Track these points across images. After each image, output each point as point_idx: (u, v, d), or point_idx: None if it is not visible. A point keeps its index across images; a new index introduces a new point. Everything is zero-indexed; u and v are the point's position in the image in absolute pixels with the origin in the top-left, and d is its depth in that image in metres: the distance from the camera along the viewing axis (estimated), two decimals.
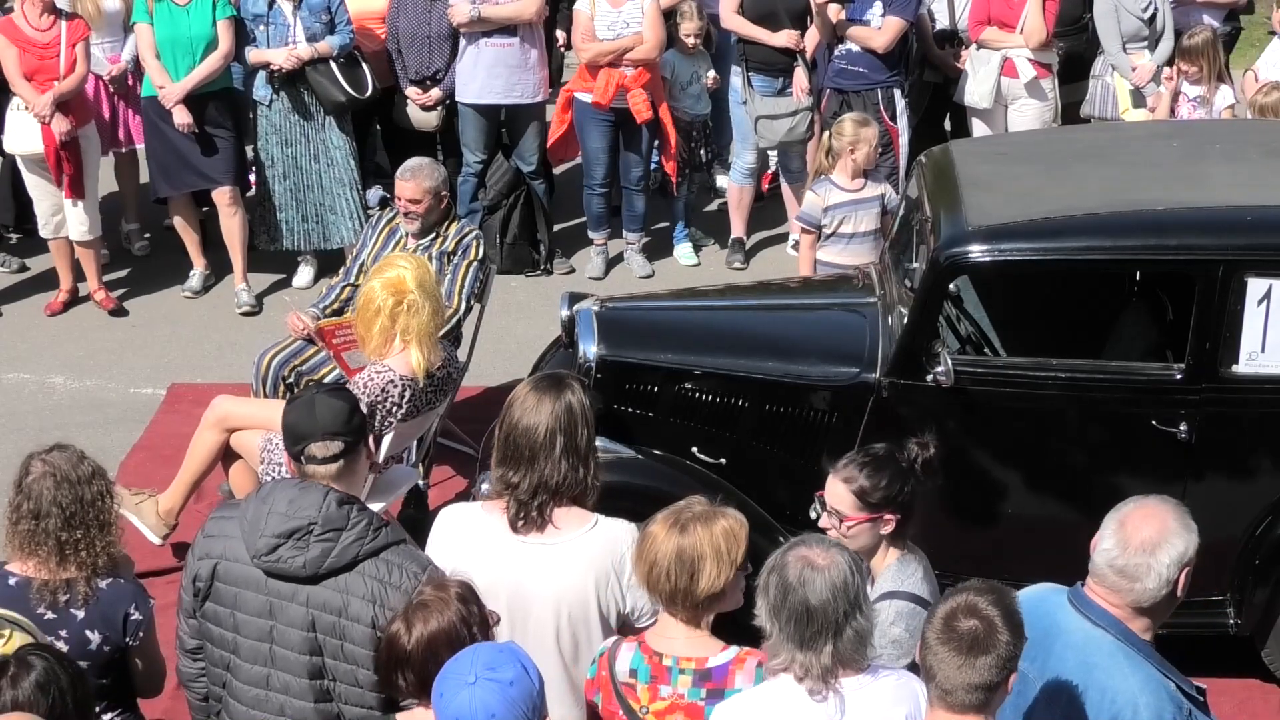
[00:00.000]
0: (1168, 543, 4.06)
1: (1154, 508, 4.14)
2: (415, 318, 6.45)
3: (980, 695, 3.75)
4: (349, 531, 4.40)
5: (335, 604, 4.38)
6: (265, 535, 4.42)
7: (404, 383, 6.47)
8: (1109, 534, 4.10)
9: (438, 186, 7.79)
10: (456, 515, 4.81)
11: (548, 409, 4.67)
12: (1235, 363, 6.13)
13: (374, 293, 6.45)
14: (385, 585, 4.37)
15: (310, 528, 4.39)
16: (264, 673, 4.48)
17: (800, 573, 3.93)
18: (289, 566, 4.39)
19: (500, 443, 4.73)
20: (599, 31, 9.96)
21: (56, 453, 4.79)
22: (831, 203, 8.34)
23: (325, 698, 4.45)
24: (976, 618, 3.75)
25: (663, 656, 4.28)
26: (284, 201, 10.01)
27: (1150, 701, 3.98)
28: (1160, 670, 4.07)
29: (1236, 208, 6.31)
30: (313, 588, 4.40)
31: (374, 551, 4.41)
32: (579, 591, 4.63)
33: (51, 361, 9.50)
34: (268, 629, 4.45)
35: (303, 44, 9.80)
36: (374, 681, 4.35)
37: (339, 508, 4.43)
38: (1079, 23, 10.41)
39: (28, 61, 9.50)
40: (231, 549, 4.49)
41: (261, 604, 4.45)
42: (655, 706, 4.26)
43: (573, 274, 10.45)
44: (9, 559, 4.79)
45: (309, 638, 4.41)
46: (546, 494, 4.64)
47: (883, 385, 6.39)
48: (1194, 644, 4.54)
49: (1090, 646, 4.08)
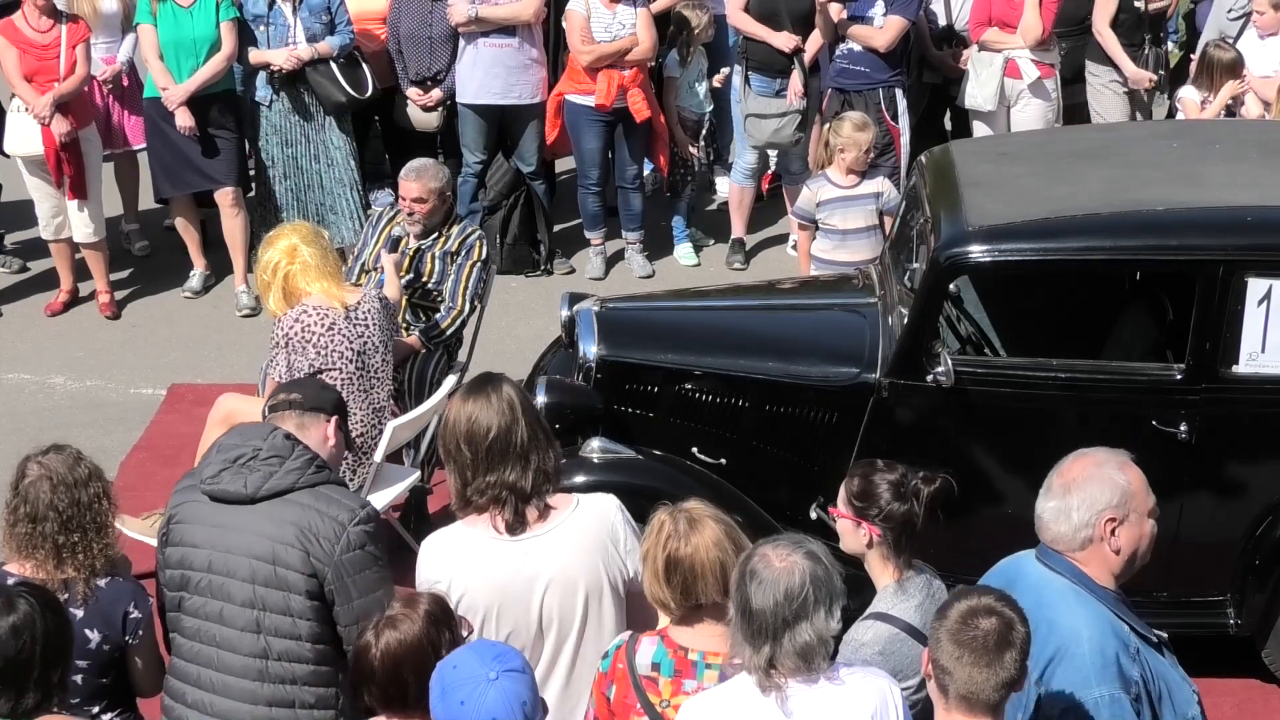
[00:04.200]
0: (1081, 488, 4.13)
1: (1088, 456, 4.22)
2: (311, 269, 6.75)
3: (1004, 692, 3.79)
4: (292, 460, 4.63)
5: (270, 530, 4.56)
6: (212, 463, 4.65)
7: (318, 311, 6.69)
8: (1048, 478, 4.22)
9: (442, 187, 7.80)
10: (441, 540, 4.70)
11: (512, 405, 4.63)
12: (1235, 363, 6.13)
13: (268, 264, 6.77)
14: (322, 515, 4.55)
15: (255, 453, 4.62)
16: (202, 602, 4.65)
17: (754, 570, 3.94)
18: (231, 487, 4.59)
19: (482, 455, 4.61)
20: (597, 34, 9.97)
21: (53, 455, 4.78)
22: (823, 198, 8.40)
23: (255, 629, 4.58)
24: (995, 616, 3.79)
25: (688, 651, 4.26)
26: (284, 202, 10.00)
27: (1093, 636, 4.04)
28: (1115, 612, 4.13)
29: (1236, 208, 6.31)
30: (252, 512, 4.57)
31: (312, 484, 4.61)
32: (589, 571, 4.59)
33: (52, 362, 9.50)
34: (207, 561, 4.62)
35: (303, 44, 9.81)
36: (306, 609, 4.53)
37: (285, 439, 4.67)
38: (1082, 23, 10.40)
39: (28, 63, 9.51)
40: (187, 492, 4.73)
41: (205, 535, 4.64)
42: (677, 700, 4.22)
43: (573, 274, 10.45)
44: (7, 559, 4.79)
45: (247, 563, 4.56)
46: (547, 482, 4.64)
47: (883, 385, 6.39)
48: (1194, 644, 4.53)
49: (1043, 586, 4.16)
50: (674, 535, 4.28)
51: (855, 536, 4.78)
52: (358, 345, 6.74)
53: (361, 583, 4.57)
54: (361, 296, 6.88)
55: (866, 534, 4.75)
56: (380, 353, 6.86)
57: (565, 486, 5.64)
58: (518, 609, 4.56)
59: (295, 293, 6.73)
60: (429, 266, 7.74)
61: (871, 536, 4.75)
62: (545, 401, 6.48)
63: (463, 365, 7.85)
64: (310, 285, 6.73)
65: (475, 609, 4.53)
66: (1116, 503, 4.12)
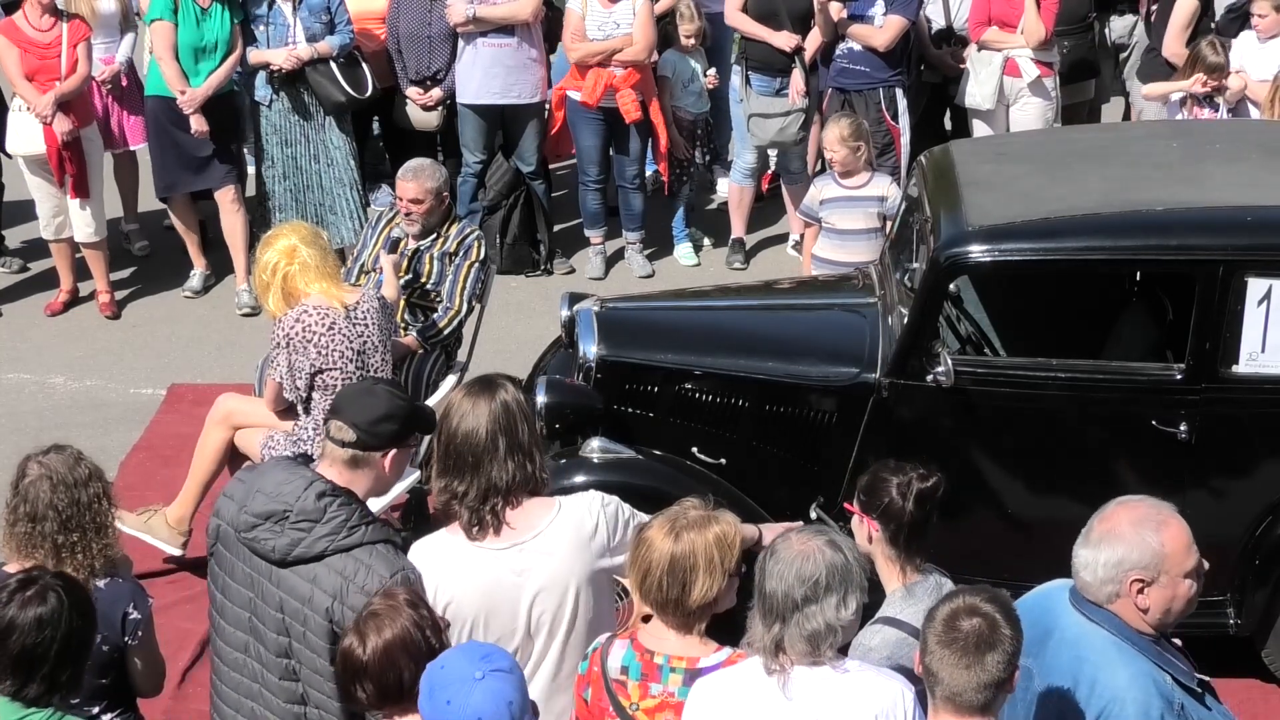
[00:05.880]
0: (1111, 545, 4.08)
1: (1129, 508, 4.16)
2: (310, 269, 6.71)
3: (989, 694, 3.77)
4: (323, 525, 4.43)
5: (302, 591, 4.44)
6: (248, 513, 4.50)
7: (318, 311, 6.67)
8: (1090, 520, 4.17)
9: (439, 187, 7.79)
10: (425, 547, 4.68)
11: (484, 412, 4.59)
12: (1235, 363, 6.13)
13: (267, 265, 6.72)
14: (349, 583, 4.39)
15: (286, 514, 4.45)
16: (244, 639, 4.57)
17: (775, 550, 4.03)
18: (262, 547, 4.47)
19: (441, 454, 4.63)
20: (589, 31, 9.99)
21: (53, 454, 4.79)
22: (826, 196, 8.44)
23: (293, 677, 4.51)
24: (978, 616, 3.77)
25: (654, 654, 4.27)
26: (284, 202, 9.99)
27: (1138, 696, 3.99)
28: (1156, 662, 4.08)
29: (1237, 208, 6.31)
30: (284, 571, 4.46)
31: (345, 548, 4.43)
32: (575, 574, 4.59)
33: (52, 361, 9.50)
34: (249, 600, 4.54)
35: (302, 44, 9.80)
36: (332, 673, 4.36)
37: (317, 500, 4.45)
38: (1084, 22, 10.39)
39: (29, 62, 9.50)
40: (232, 515, 4.57)
41: (245, 575, 4.54)
42: (645, 704, 4.25)
43: (573, 274, 10.45)
44: (7, 559, 4.78)
45: (279, 618, 4.48)
46: (497, 496, 4.58)
47: (883, 385, 6.39)
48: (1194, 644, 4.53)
49: (1083, 641, 4.10)
50: (659, 526, 4.28)
51: (860, 531, 4.81)
52: (358, 345, 6.75)
53: None
54: (360, 296, 6.89)
55: (867, 529, 4.78)
56: (380, 352, 6.86)
57: (565, 487, 5.66)
58: (505, 615, 4.56)
59: (294, 293, 6.73)
60: (428, 267, 7.74)
61: (871, 532, 4.77)
62: (545, 401, 6.48)
63: (462, 365, 7.85)
64: (310, 286, 6.73)
65: (462, 616, 4.52)
66: (1145, 564, 4.05)
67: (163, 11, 9.61)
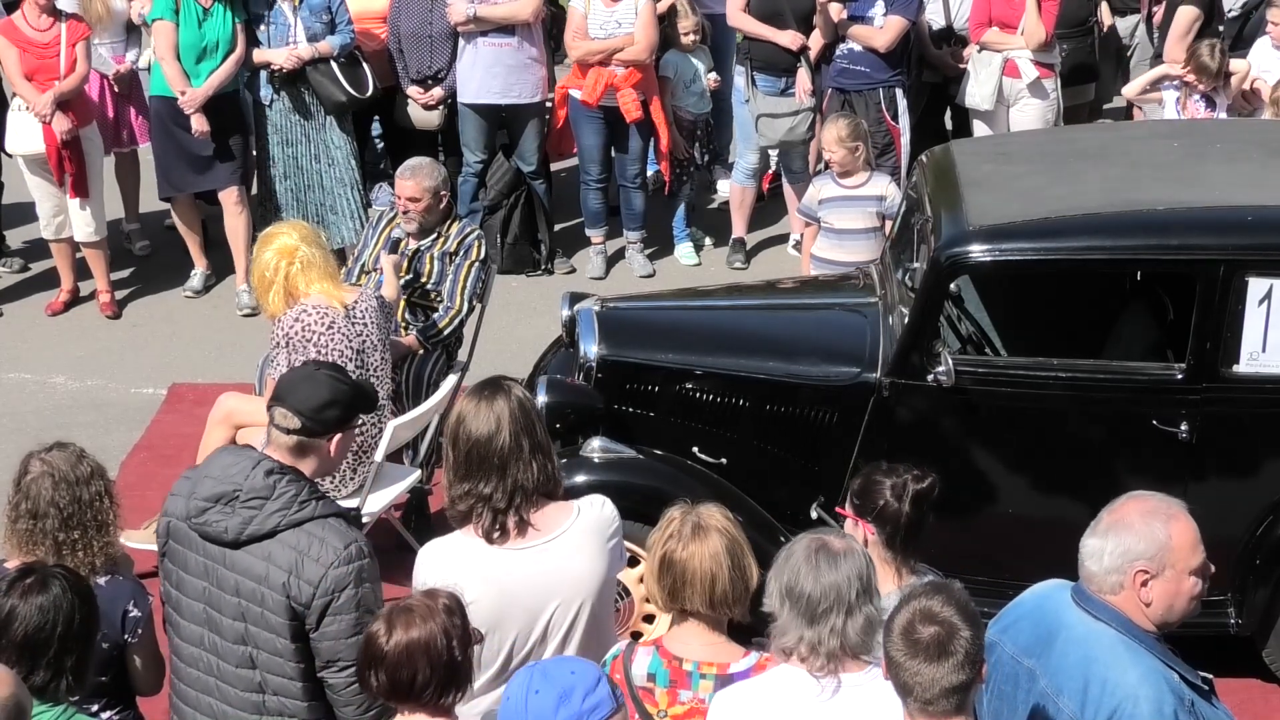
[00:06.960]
0: (1119, 534, 4.08)
1: (1139, 501, 4.16)
2: (311, 269, 6.72)
3: (959, 697, 3.75)
4: (273, 501, 4.46)
5: (257, 570, 4.45)
6: (197, 498, 4.52)
7: (317, 311, 6.68)
8: (1101, 512, 4.18)
9: (437, 186, 7.79)
10: (442, 547, 4.66)
11: (503, 413, 4.58)
12: (1236, 363, 6.13)
13: (269, 264, 6.72)
14: (304, 556, 4.42)
15: (236, 494, 4.47)
16: (200, 632, 4.59)
17: (816, 553, 4.01)
18: (214, 530, 4.49)
19: (461, 460, 4.59)
20: (591, 30, 10.00)
21: (56, 452, 4.80)
22: (825, 196, 8.45)
23: (251, 665, 4.52)
24: (935, 623, 3.73)
25: (683, 661, 4.25)
26: (285, 202, 9.99)
27: (1150, 694, 3.98)
28: (1163, 660, 4.07)
29: (1237, 208, 6.32)
30: (237, 553, 4.48)
31: (297, 522, 4.46)
32: (596, 576, 4.59)
33: (52, 361, 9.50)
34: (203, 590, 4.55)
35: (303, 44, 9.80)
36: (292, 651, 4.44)
37: (266, 477, 4.48)
38: (1084, 24, 10.39)
39: (28, 62, 9.51)
40: (181, 508, 4.60)
41: (199, 565, 4.56)
42: (674, 711, 4.23)
43: (573, 274, 10.45)
44: (8, 556, 4.79)
45: (235, 603, 4.49)
46: (523, 497, 4.57)
47: (883, 385, 6.39)
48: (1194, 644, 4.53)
49: (1091, 640, 4.09)
50: (675, 536, 4.27)
51: (856, 533, 4.80)
52: (357, 344, 6.75)
53: (331, 627, 4.46)
54: (359, 295, 6.89)
55: (862, 532, 4.77)
56: (379, 351, 6.87)
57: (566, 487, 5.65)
58: (524, 618, 4.54)
59: (295, 293, 6.74)
60: (428, 267, 7.73)
61: (866, 535, 4.76)
62: (546, 401, 6.48)
63: (463, 365, 7.85)
64: (309, 285, 6.73)
65: (479, 619, 4.51)
66: (1151, 555, 4.04)
67: (164, 11, 9.61)
